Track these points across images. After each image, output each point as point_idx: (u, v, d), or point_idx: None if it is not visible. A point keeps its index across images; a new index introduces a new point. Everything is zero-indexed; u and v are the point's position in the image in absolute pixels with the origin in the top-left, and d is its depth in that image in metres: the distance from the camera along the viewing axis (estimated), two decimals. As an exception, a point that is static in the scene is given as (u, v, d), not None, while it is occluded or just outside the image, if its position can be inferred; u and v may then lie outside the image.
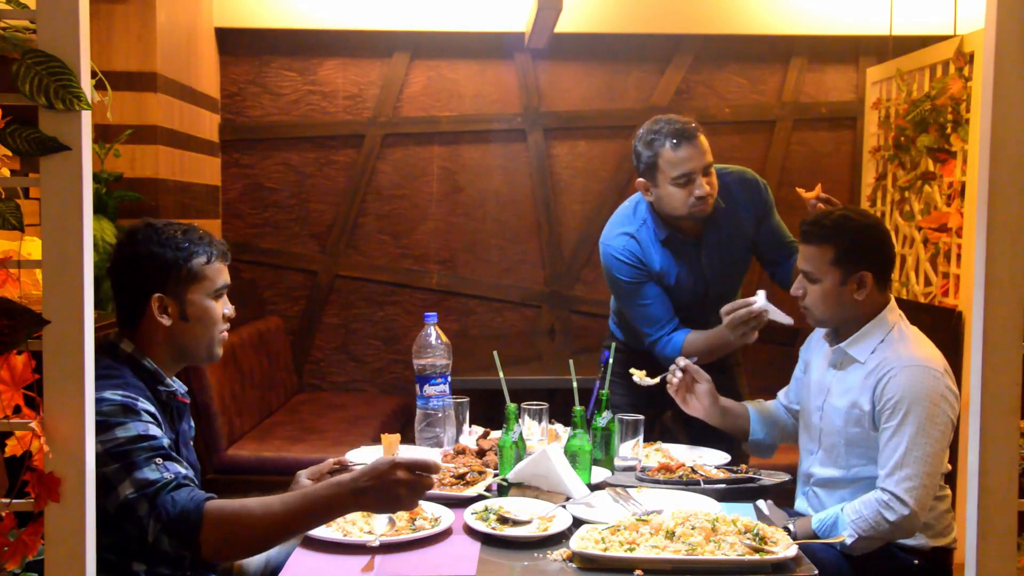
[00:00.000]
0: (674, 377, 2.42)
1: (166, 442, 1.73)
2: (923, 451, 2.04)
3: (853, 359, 2.20)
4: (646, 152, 2.59)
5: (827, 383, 2.27)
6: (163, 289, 1.85)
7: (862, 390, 2.16)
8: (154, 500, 1.62)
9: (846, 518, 2.05)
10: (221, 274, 1.93)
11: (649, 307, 2.71)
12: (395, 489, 1.62)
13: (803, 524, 2.09)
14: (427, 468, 1.65)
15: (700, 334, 2.66)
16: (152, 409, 1.77)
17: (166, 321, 1.86)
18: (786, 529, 1.92)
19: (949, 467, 2.22)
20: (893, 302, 2.24)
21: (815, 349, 2.40)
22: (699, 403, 2.43)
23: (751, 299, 2.43)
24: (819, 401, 2.29)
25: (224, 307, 1.95)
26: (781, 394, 2.55)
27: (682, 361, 2.43)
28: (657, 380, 2.46)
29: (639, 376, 2.48)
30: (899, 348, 2.15)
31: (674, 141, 2.54)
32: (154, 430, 1.73)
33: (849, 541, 2.03)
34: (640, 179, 2.64)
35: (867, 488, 2.13)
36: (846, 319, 2.22)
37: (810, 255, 2.20)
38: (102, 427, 1.66)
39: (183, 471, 1.70)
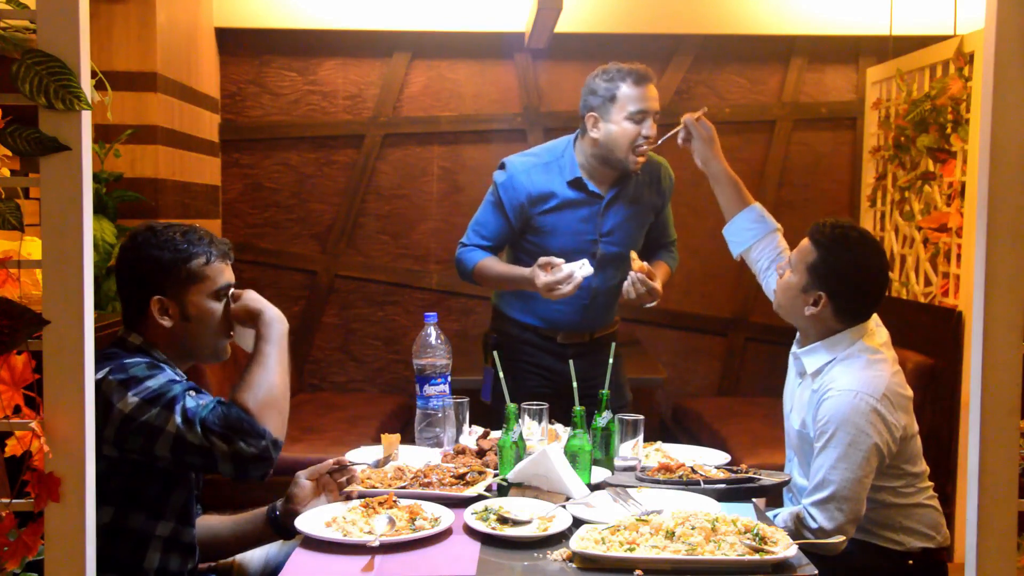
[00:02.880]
0: (678, 138, 2.62)
1: (190, 383, 1.84)
2: (841, 475, 2.08)
3: (805, 370, 2.26)
4: (605, 85, 2.71)
5: (792, 393, 2.34)
6: (162, 291, 1.87)
7: (808, 410, 2.22)
8: (203, 423, 1.74)
9: (778, 523, 2.09)
10: (222, 274, 1.94)
11: (488, 223, 2.87)
12: None
13: None
14: None
15: (499, 263, 2.85)
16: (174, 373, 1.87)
17: (167, 323, 1.88)
18: None
19: (927, 468, 2.27)
20: (859, 329, 2.21)
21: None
22: (696, 155, 2.60)
23: (574, 264, 2.58)
24: (788, 411, 2.36)
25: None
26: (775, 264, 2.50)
27: (687, 117, 2.63)
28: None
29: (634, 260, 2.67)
30: (842, 372, 2.16)
31: (636, 79, 2.70)
32: (178, 374, 1.85)
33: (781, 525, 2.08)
34: (592, 112, 2.73)
35: None
36: (794, 321, 2.28)
37: (801, 247, 2.24)
38: (133, 382, 1.76)
39: (214, 398, 1.82)
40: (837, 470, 2.08)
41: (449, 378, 2.55)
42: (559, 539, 1.83)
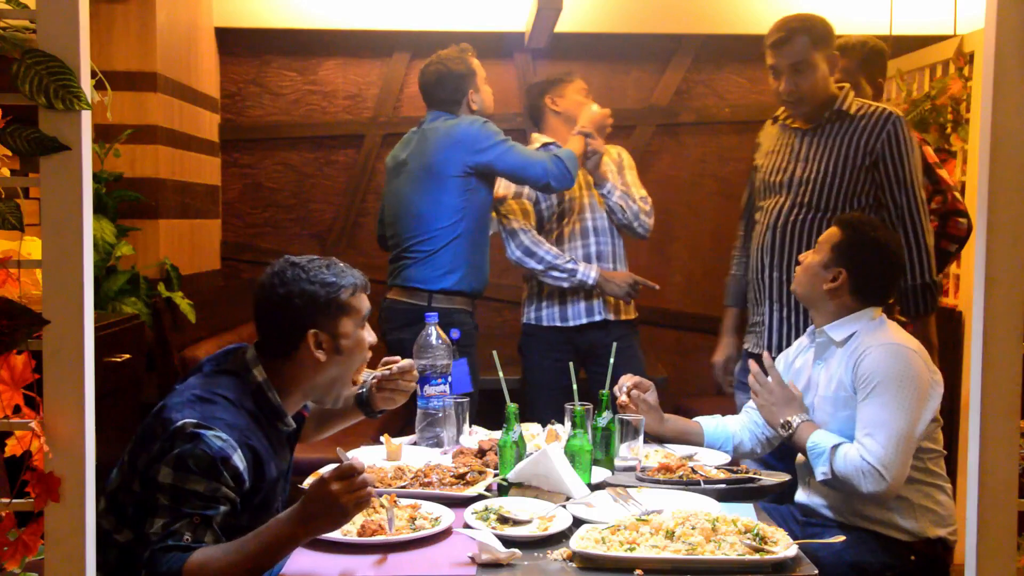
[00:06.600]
0: (622, 396, 2.45)
1: (222, 509, 1.69)
2: (893, 428, 2.10)
3: (833, 341, 2.31)
4: (466, 68, 3.15)
5: (814, 380, 2.36)
6: (316, 325, 1.88)
7: (845, 372, 2.25)
8: (153, 556, 1.61)
9: (836, 460, 2.13)
10: (366, 302, 1.98)
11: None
12: (337, 502, 1.64)
13: (806, 428, 2.22)
14: (352, 471, 1.65)
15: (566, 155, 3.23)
16: (241, 468, 1.72)
17: (322, 356, 1.88)
18: (785, 424, 2.22)
19: (944, 452, 2.28)
20: (878, 311, 2.32)
21: (794, 357, 2.49)
22: (639, 411, 2.45)
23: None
24: (809, 400, 2.36)
25: (368, 335, 1.98)
26: (750, 406, 2.54)
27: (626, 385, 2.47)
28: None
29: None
30: (875, 334, 2.26)
31: (471, 54, 3.20)
32: (222, 495, 1.69)
33: (820, 478, 2.16)
34: (471, 91, 3.18)
35: None
36: (813, 300, 2.36)
37: (827, 233, 2.39)
38: (184, 463, 1.65)
39: (205, 543, 1.67)
40: (888, 422, 2.10)
41: (449, 378, 2.55)
42: (559, 539, 1.83)
